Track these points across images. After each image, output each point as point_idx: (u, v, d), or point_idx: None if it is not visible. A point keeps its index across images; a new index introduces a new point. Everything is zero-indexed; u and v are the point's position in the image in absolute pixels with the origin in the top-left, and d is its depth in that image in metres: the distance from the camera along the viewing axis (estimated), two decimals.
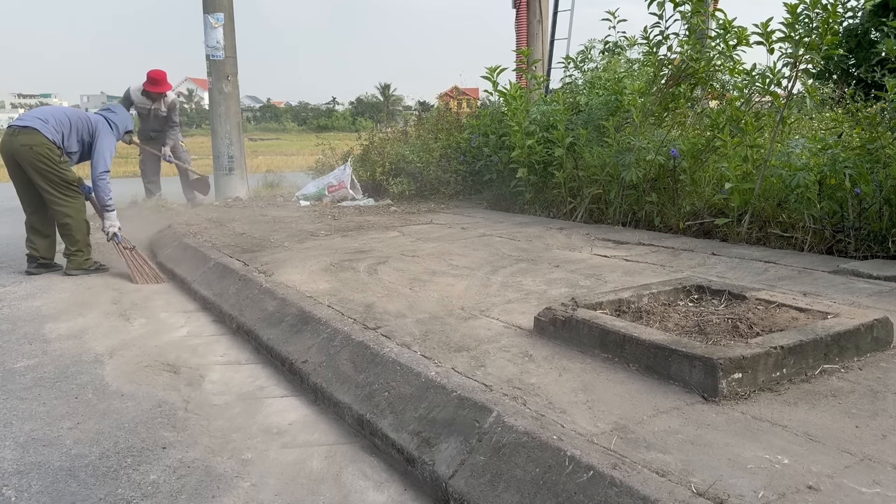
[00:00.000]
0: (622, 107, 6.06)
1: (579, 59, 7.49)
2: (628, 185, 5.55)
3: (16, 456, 2.23)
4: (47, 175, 4.59)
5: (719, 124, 5.20)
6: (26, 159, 4.54)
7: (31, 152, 4.53)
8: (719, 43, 5.38)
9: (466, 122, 8.31)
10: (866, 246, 4.18)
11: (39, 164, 4.55)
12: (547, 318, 2.73)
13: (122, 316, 3.84)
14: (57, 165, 4.60)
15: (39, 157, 4.54)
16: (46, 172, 4.58)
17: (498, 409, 2.02)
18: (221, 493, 2.00)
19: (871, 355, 2.44)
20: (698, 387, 2.12)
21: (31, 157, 4.53)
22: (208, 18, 7.67)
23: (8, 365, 3.07)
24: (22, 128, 4.59)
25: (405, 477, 2.07)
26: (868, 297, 3.22)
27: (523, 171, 6.42)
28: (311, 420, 2.49)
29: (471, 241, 5.06)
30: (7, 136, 4.64)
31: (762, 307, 2.72)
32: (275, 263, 4.31)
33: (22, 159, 4.56)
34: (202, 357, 3.18)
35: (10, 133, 4.64)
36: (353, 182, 8.02)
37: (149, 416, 2.52)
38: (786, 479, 1.62)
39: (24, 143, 4.54)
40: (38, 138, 4.55)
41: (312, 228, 5.86)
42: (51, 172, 4.59)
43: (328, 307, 3.26)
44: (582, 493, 1.64)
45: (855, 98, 5.82)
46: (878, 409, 2.01)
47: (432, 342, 2.70)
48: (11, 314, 3.87)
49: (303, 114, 77.94)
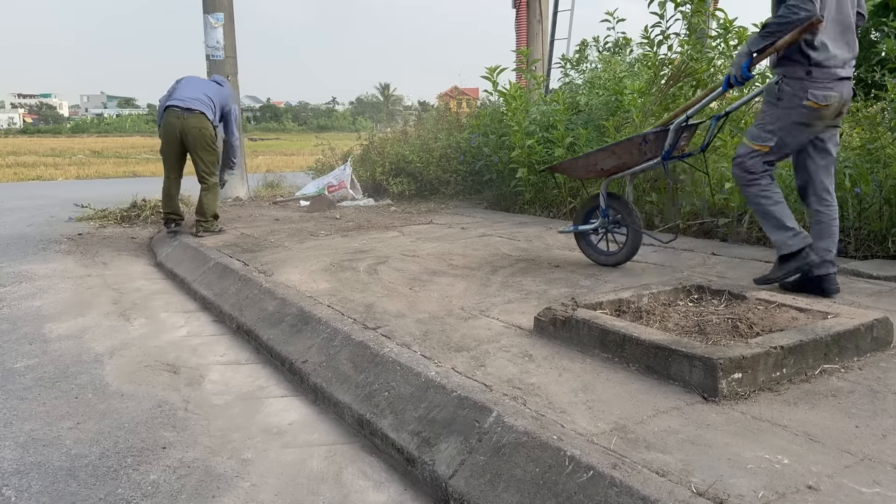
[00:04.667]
0: (622, 107, 6.06)
1: (575, 59, 7.49)
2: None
3: (16, 456, 2.23)
4: (208, 150, 5.50)
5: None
6: (196, 139, 5.40)
7: (199, 134, 5.41)
8: (720, 43, 5.38)
9: (466, 122, 8.31)
10: (866, 246, 4.18)
11: (205, 142, 5.46)
12: (547, 317, 2.73)
13: (122, 316, 3.84)
14: (215, 144, 5.57)
15: (206, 137, 5.45)
16: (208, 149, 5.50)
17: (498, 409, 2.02)
18: (221, 493, 2.00)
19: (871, 355, 2.44)
20: (698, 387, 2.12)
21: (200, 138, 5.42)
22: (208, 18, 7.67)
23: (8, 365, 3.07)
24: (188, 110, 5.38)
25: (405, 477, 2.07)
26: (868, 297, 3.22)
27: (523, 171, 6.42)
28: (311, 420, 2.49)
29: (471, 240, 5.06)
30: (174, 118, 5.39)
31: (762, 307, 2.72)
32: (275, 263, 4.31)
33: (191, 138, 5.40)
34: (202, 357, 3.18)
35: (176, 115, 5.39)
36: (353, 182, 8.02)
37: (149, 416, 2.52)
38: (786, 479, 1.62)
39: (194, 125, 5.38)
40: (205, 122, 5.44)
41: (312, 228, 5.86)
42: (211, 149, 5.52)
43: (328, 307, 3.26)
44: (582, 493, 1.64)
45: (855, 98, 5.82)
46: (878, 409, 2.01)
47: (432, 342, 2.70)
48: (11, 314, 3.87)
49: (303, 114, 77.96)
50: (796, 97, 3.03)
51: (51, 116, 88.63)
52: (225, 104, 5.70)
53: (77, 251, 5.65)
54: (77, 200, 8.51)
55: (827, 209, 3.21)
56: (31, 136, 53.13)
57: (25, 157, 21.42)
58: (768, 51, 3.01)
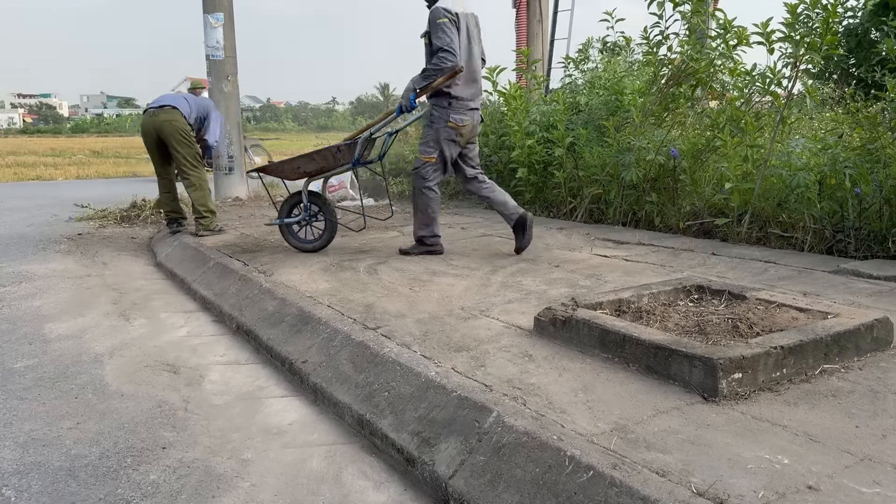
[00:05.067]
0: (622, 107, 6.06)
1: (579, 58, 7.49)
2: (628, 185, 5.55)
3: (16, 456, 2.23)
4: (184, 143, 5.56)
5: (719, 124, 5.20)
6: (169, 133, 5.49)
7: (171, 127, 5.50)
8: (720, 44, 5.37)
9: None
10: (866, 246, 4.18)
11: (178, 135, 5.52)
12: (547, 318, 2.73)
13: (122, 316, 3.84)
14: (190, 137, 5.62)
15: (178, 130, 5.52)
16: (183, 142, 5.56)
17: (498, 409, 2.02)
18: (221, 493, 2.00)
19: (871, 355, 2.44)
20: (698, 387, 2.12)
21: (172, 131, 5.50)
22: (208, 18, 7.67)
23: (8, 365, 3.07)
24: (160, 108, 5.55)
25: (405, 477, 2.07)
26: (868, 297, 3.22)
27: (523, 171, 6.42)
28: (311, 420, 2.49)
29: (471, 240, 5.06)
30: (148, 118, 5.59)
31: (762, 307, 2.72)
32: (274, 263, 4.31)
33: (165, 133, 5.50)
34: (202, 357, 3.18)
35: (150, 115, 5.58)
36: (353, 182, 8.02)
37: (149, 416, 2.52)
38: (786, 479, 1.62)
39: (165, 119, 5.50)
40: (176, 115, 5.54)
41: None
42: (186, 142, 5.57)
43: (328, 307, 3.26)
44: (582, 493, 1.64)
45: (855, 98, 5.82)
46: (878, 409, 2.01)
47: (432, 342, 2.70)
48: (11, 314, 3.87)
49: (303, 114, 77.99)
50: (442, 119, 4.25)
51: (51, 116, 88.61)
52: (204, 110, 5.87)
53: (77, 251, 5.65)
54: (77, 200, 8.51)
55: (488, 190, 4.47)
56: (30, 136, 53.11)
57: (25, 157, 21.41)
58: (427, 89, 4.14)
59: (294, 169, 4.67)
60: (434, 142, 4.29)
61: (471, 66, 4.28)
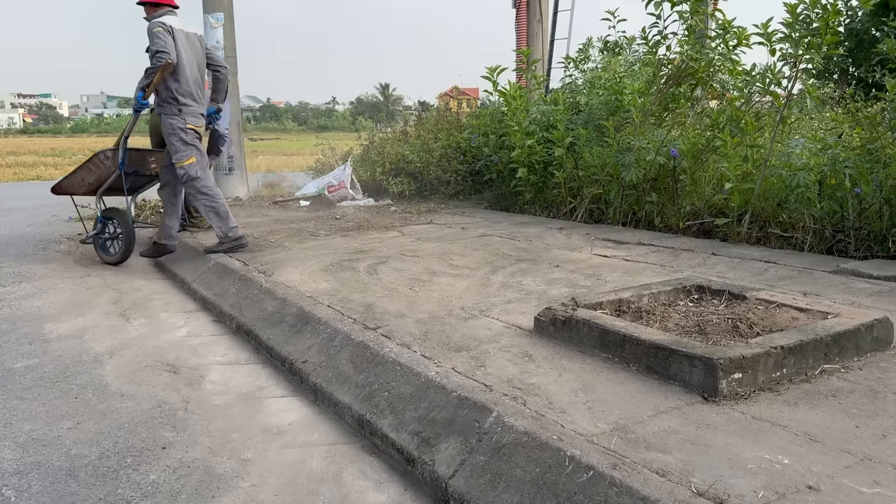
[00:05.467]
0: (622, 107, 6.06)
1: (579, 58, 7.49)
2: (628, 185, 5.55)
3: (16, 456, 2.23)
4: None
5: (719, 124, 5.20)
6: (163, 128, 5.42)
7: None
8: (720, 44, 5.37)
9: (466, 122, 8.30)
10: (866, 246, 4.18)
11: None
12: (547, 318, 2.73)
13: (122, 316, 3.84)
14: None
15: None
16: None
17: (498, 409, 2.02)
18: (221, 493, 2.00)
19: (871, 355, 2.44)
20: (698, 387, 2.12)
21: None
22: (208, 18, 7.67)
23: (8, 365, 3.07)
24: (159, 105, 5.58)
25: (405, 477, 2.07)
26: (868, 296, 3.22)
27: (523, 171, 6.42)
28: (311, 420, 2.49)
29: (471, 241, 5.06)
30: (151, 118, 5.60)
31: (762, 307, 2.72)
32: (275, 263, 4.31)
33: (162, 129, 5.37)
34: (202, 357, 3.18)
35: (152, 112, 5.53)
36: (353, 182, 8.02)
37: (149, 416, 2.52)
38: (786, 479, 1.62)
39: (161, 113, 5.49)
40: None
41: (312, 228, 5.86)
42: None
43: (328, 307, 3.26)
44: (582, 493, 1.64)
45: (855, 98, 5.82)
46: (878, 409, 2.01)
47: (432, 342, 2.70)
48: (11, 314, 3.87)
49: (303, 114, 78.01)
50: (178, 126, 4.70)
51: (51, 116, 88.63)
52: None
53: (77, 251, 5.65)
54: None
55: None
56: (30, 136, 53.18)
57: (25, 157, 21.41)
58: (150, 86, 4.53)
59: (81, 182, 4.91)
60: (182, 144, 4.71)
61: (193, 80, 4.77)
